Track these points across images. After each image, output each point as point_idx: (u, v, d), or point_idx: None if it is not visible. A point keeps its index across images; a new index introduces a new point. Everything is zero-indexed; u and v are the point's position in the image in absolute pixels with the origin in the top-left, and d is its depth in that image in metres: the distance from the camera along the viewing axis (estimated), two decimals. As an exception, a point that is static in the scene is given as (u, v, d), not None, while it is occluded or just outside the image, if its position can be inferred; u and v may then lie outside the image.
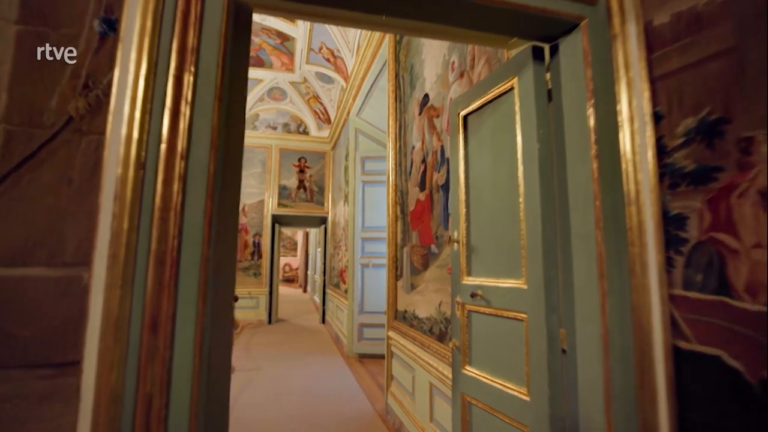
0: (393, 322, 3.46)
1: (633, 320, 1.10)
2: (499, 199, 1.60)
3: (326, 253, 8.09)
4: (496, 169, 1.64)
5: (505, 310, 1.50)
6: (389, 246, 3.63)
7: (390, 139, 3.78)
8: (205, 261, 0.89)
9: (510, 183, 1.54)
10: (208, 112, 0.93)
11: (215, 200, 0.95)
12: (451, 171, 1.94)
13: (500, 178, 1.61)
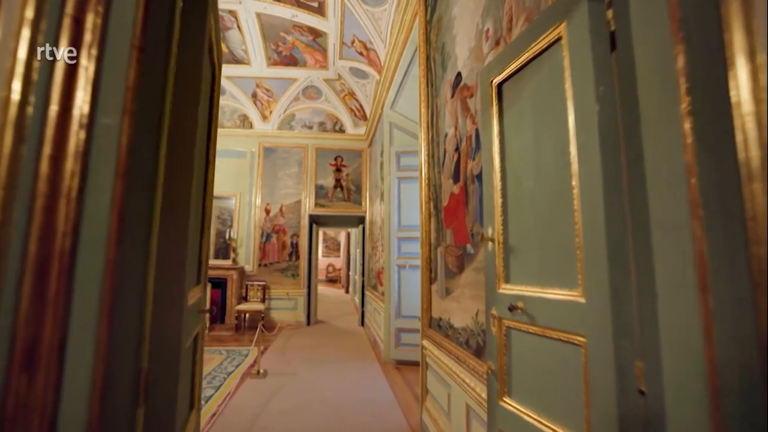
0: (427, 330, 3.13)
1: (760, 356, 0.71)
2: (544, 185, 1.24)
3: (364, 254, 7.89)
4: (540, 147, 1.28)
5: (554, 330, 1.14)
6: (422, 246, 3.31)
7: (422, 129, 3.45)
8: (111, 268, 0.64)
9: (558, 163, 1.17)
10: (122, 66, 0.68)
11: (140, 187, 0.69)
12: (484, 153, 1.60)
13: (545, 158, 1.25)
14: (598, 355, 0.98)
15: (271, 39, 6.27)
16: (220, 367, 4.49)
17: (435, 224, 3.08)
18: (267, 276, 7.39)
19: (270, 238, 7.54)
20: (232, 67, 6.82)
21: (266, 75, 7.07)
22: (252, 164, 7.72)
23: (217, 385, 3.89)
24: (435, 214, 3.08)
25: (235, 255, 7.21)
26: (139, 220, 0.73)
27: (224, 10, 5.57)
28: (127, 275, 0.69)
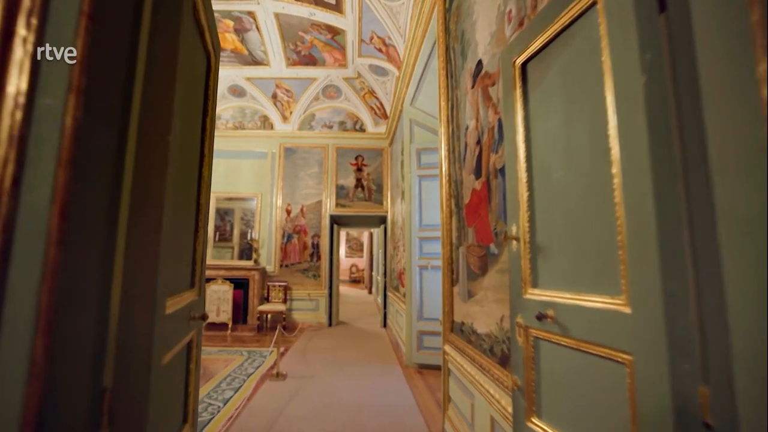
0: (449, 335, 2.97)
1: None
2: (577, 175, 1.07)
3: (386, 254, 7.77)
4: (571, 132, 1.11)
5: (591, 344, 0.97)
6: (444, 246, 3.15)
7: (441, 123, 3.29)
8: (52, 272, 0.53)
9: (594, 149, 1.01)
10: (67, 36, 0.58)
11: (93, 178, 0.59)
12: (507, 143, 1.43)
13: (577, 144, 1.08)
14: (648, 377, 0.81)
15: (290, 39, 6.25)
16: (241, 368, 4.47)
17: (456, 223, 2.92)
18: (288, 277, 7.39)
19: (291, 238, 7.54)
20: (251, 69, 6.86)
21: (286, 75, 7.07)
22: (273, 165, 7.75)
23: (237, 386, 3.86)
24: (456, 212, 2.92)
25: (257, 256, 7.25)
26: (94, 216, 0.62)
27: (243, 11, 5.59)
28: (78, 280, 0.59)
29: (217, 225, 7.52)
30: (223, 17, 5.72)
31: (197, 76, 1.06)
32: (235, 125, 7.86)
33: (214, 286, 6.53)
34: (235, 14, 5.66)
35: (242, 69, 6.86)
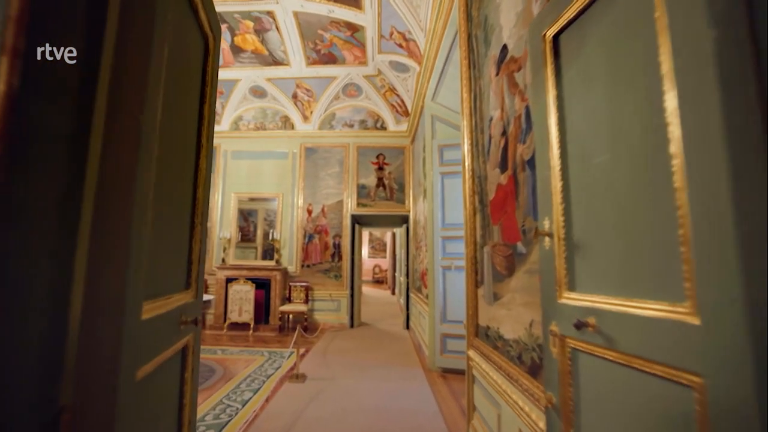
0: (473, 339, 2.80)
1: None
2: (625, 158, 0.91)
3: (408, 254, 7.62)
4: (616, 108, 0.94)
5: (646, 360, 0.80)
6: (467, 245, 2.98)
7: (464, 116, 3.12)
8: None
9: (646, 125, 0.84)
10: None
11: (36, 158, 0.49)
12: (537, 128, 1.27)
13: (624, 122, 0.91)
14: (727, 407, 0.64)
15: (309, 37, 6.21)
16: (261, 369, 4.44)
17: (480, 221, 2.75)
18: (310, 277, 7.36)
19: (312, 238, 7.52)
20: (272, 69, 6.88)
21: (306, 75, 7.04)
22: (294, 165, 7.75)
23: (256, 388, 3.81)
24: (480, 210, 2.75)
25: (279, 256, 7.26)
26: (40, 207, 0.52)
27: (262, 11, 5.58)
28: (19, 283, 0.49)
29: (240, 225, 7.59)
30: (243, 18, 5.74)
31: (190, 58, 0.97)
32: (257, 126, 7.91)
33: (236, 286, 6.58)
34: (255, 14, 5.67)
35: (263, 70, 6.89)
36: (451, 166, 5.10)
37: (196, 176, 1.08)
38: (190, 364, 0.99)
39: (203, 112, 1.11)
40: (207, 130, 1.12)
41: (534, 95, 1.29)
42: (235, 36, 6.09)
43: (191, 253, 1.05)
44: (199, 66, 1.08)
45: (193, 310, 1.04)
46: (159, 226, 0.80)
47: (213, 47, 1.13)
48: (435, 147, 5.26)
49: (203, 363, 4.58)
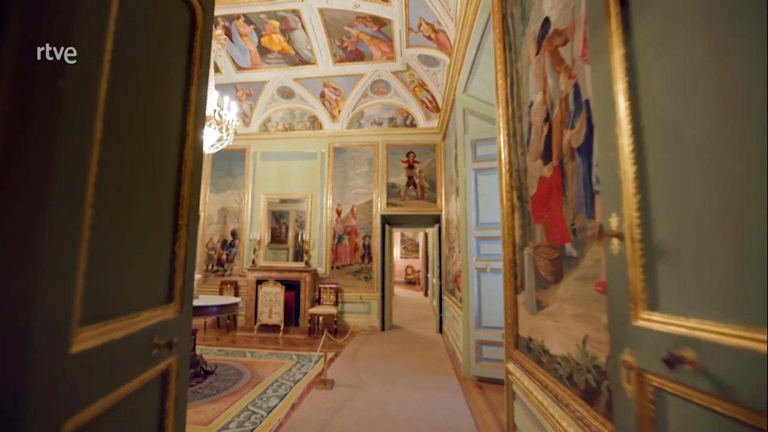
0: (513, 351, 2.52)
1: None
2: (736, 127, 0.64)
3: (441, 255, 7.33)
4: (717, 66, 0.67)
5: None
6: (504, 246, 2.70)
7: (499, 104, 2.84)
8: None
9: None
10: None
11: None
12: (598, 100, 1.01)
13: (735, 82, 0.64)
14: None
15: (336, 35, 6.09)
16: (289, 374, 4.33)
17: (520, 219, 2.46)
18: (339, 279, 7.25)
19: (342, 239, 7.40)
20: (299, 69, 6.82)
21: (333, 73, 6.94)
22: (322, 165, 7.67)
23: (282, 394, 3.70)
24: (519, 207, 2.46)
25: (308, 257, 7.19)
26: None
27: (287, 9, 5.52)
28: None
29: (272, 227, 7.61)
30: (269, 18, 5.70)
31: (169, 33, 0.80)
32: (285, 127, 7.91)
33: (266, 288, 6.56)
34: (280, 14, 5.61)
35: (290, 70, 6.85)
36: (485, 162, 4.79)
37: (180, 170, 0.92)
38: (174, 391, 0.82)
39: (189, 95, 0.95)
40: (194, 116, 0.95)
41: (594, 59, 1.02)
42: (261, 37, 6.07)
43: (174, 259, 0.88)
44: (183, 43, 0.92)
45: (177, 328, 0.87)
46: (116, 228, 0.64)
47: (202, 21, 0.97)
48: (467, 142, 4.97)
49: (232, 366, 4.54)
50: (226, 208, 7.75)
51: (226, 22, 5.74)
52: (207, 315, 3.87)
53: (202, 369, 4.04)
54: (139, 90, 0.75)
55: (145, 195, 0.78)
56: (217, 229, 7.70)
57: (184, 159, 0.93)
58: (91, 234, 0.58)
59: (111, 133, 0.63)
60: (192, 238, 0.97)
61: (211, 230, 7.71)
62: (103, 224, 0.61)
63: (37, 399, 0.47)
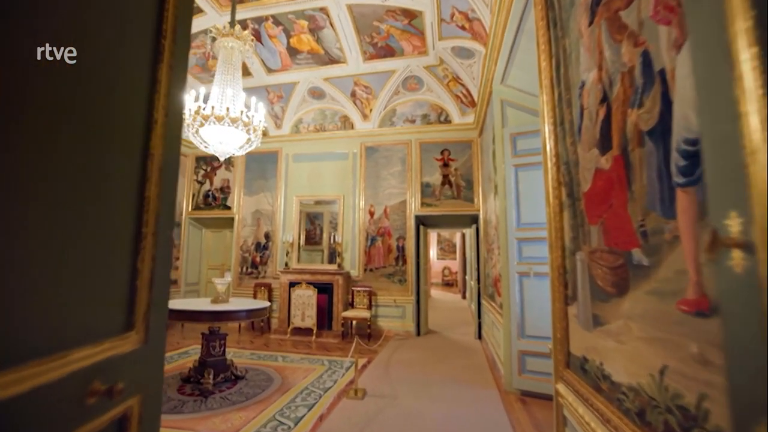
0: (564, 371, 2.19)
1: None
2: None
3: (479, 257, 6.96)
4: None
5: None
6: (551, 250, 2.37)
7: (543, 89, 2.52)
8: None
9: None
10: None
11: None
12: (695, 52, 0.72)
13: None
14: None
15: (365, 31, 5.91)
16: (319, 381, 4.19)
17: (570, 219, 2.13)
18: (373, 281, 7.06)
19: (375, 241, 7.21)
20: (328, 68, 6.72)
21: (363, 71, 6.77)
22: (354, 165, 7.53)
23: (311, 403, 3.55)
24: (570, 205, 2.13)
25: (341, 259, 7.07)
26: None
27: (315, 8, 5.41)
28: None
29: (307, 228, 7.57)
30: (297, 18, 5.62)
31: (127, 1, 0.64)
32: (316, 128, 7.85)
33: (298, 291, 6.50)
34: (308, 13, 5.51)
35: (320, 69, 6.76)
36: (527, 157, 4.42)
37: (144, 167, 0.74)
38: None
39: (157, 75, 0.77)
40: (165, 101, 0.78)
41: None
42: (290, 38, 6.02)
43: (136, 277, 0.71)
44: (149, 9, 0.75)
45: (136, 364, 0.69)
46: (39, 238, 0.47)
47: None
48: (506, 136, 4.62)
49: (262, 371, 4.47)
50: (259, 211, 7.80)
51: (255, 25, 5.73)
52: (236, 320, 3.81)
53: (232, 374, 3.99)
54: (75, 67, 0.57)
55: (86, 197, 0.61)
56: (251, 232, 7.77)
57: (151, 152, 0.76)
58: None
59: (28, 119, 0.46)
60: (164, 249, 0.79)
61: (245, 233, 7.80)
62: (15, 234, 0.45)
63: None
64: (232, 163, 8.01)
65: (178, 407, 3.33)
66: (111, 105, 0.68)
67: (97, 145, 0.64)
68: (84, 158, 0.62)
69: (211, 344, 3.87)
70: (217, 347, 3.92)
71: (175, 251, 7.76)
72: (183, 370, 4.19)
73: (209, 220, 8.22)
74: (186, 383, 3.86)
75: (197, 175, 8.19)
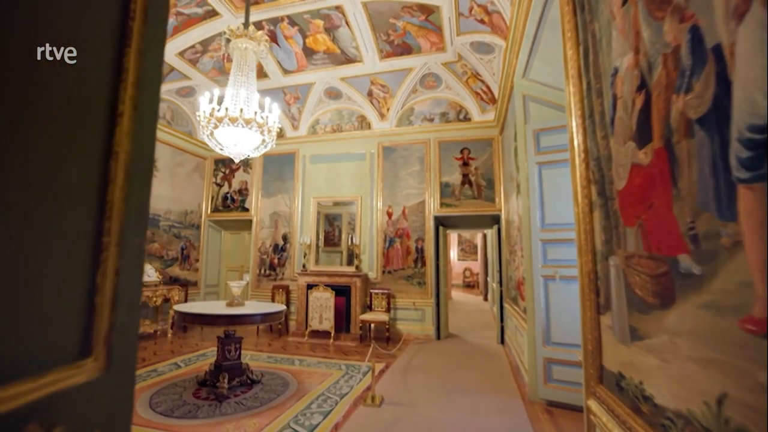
0: (596, 386, 2.00)
1: None
2: None
3: (501, 259, 6.72)
4: None
5: None
6: (580, 254, 2.18)
7: (569, 80, 2.33)
8: None
9: None
10: None
11: None
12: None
13: None
14: None
15: (381, 28, 5.79)
16: (336, 387, 4.09)
17: (602, 220, 1.94)
18: (391, 284, 6.93)
19: (393, 243, 7.07)
20: (345, 68, 6.64)
21: (380, 70, 6.66)
22: (371, 166, 7.42)
23: (327, 410, 3.45)
24: (602, 204, 1.94)
25: (358, 261, 6.97)
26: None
27: (330, 6, 5.33)
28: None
29: (326, 230, 7.52)
30: (312, 18, 5.56)
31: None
32: (333, 128, 7.78)
33: (316, 293, 6.44)
34: (324, 12, 5.44)
35: (336, 69, 6.68)
36: (551, 154, 4.19)
37: (106, 167, 0.64)
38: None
39: (124, 63, 0.67)
40: (132, 91, 0.68)
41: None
42: (306, 38, 5.96)
43: (95, 293, 0.61)
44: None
45: (97, 397, 0.59)
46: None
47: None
48: (529, 133, 4.40)
49: (279, 375, 4.41)
50: (277, 212, 7.80)
51: (270, 26, 5.70)
52: (251, 323, 3.76)
53: (248, 378, 3.94)
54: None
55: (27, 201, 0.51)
56: (269, 234, 7.78)
57: (115, 150, 0.66)
58: None
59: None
60: (133, 261, 0.69)
61: (263, 234, 7.81)
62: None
63: None
64: (249, 165, 8.05)
65: (192, 412, 3.29)
66: (62, 95, 0.58)
67: (43, 142, 0.55)
68: (24, 158, 0.52)
69: (226, 348, 3.83)
70: (233, 351, 3.88)
71: (195, 253, 7.85)
72: (200, 373, 4.18)
73: (228, 222, 8.29)
74: (202, 386, 3.84)
75: (216, 177, 8.28)
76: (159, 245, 6.99)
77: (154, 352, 5.44)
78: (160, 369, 4.56)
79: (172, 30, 5.62)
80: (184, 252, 7.52)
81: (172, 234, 7.29)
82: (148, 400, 3.54)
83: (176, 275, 7.32)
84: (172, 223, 7.31)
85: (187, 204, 7.70)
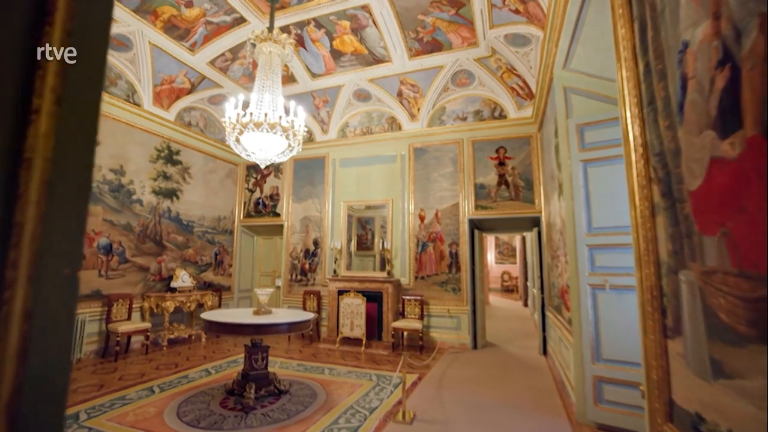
0: (663, 424, 1.67)
1: None
2: None
3: (542, 264, 6.29)
4: None
5: None
6: (639, 266, 1.86)
7: (622, 63, 2.01)
8: None
9: None
10: None
11: None
12: None
13: None
14: None
15: (410, 26, 5.60)
16: (365, 399, 3.91)
17: (668, 226, 1.63)
18: (424, 290, 6.68)
19: (426, 247, 6.83)
20: (373, 69, 6.49)
21: (409, 69, 6.46)
22: (403, 168, 7.22)
23: (355, 426, 3.27)
24: (667, 207, 1.63)
25: (390, 267, 6.77)
26: None
27: (356, 6, 5.20)
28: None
29: (359, 234, 7.41)
30: (339, 19, 5.46)
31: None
32: (363, 131, 7.66)
33: (347, 299, 6.32)
34: (350, 12, 5.32)
35: (364, 71, 6.56)
36: (598, 150, 3.81)
37: (14, 178, 0.49)
38: None
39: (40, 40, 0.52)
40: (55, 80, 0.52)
41: None
42: (333, 40, 5.88)
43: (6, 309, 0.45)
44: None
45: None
46: None
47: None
48: (572, 128, 4.03)
49: (307, 385, 4.30)
50: (308, 217, 7.79)
51: (297, 30, 5.66)
52: (277, 333, 3.66)
53: (276, 388, 3.85)
54: None
55: None
56: (300, 239, 7.77)
57: (26, 157, 0.50)
58: None
59: None
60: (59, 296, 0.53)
61: (294, 239, 7.82)
62: None
63: None
64: (280, 170, 8.10)
65: (218, 423, 3.23)
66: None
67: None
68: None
69: (253, 357, 3.76)
70: (260, 360, 3.80)
71: (228, 258, 7.99)
72: (229, 381, 4.14)
73: (260, 227, 8.39)
74: (230, 395, 3.79)
75: (248, 183, 8.40)
76: (193, 251, 7.16)
77: (187, 357, 5.52)
78: (191, 375, 4.58)
79: (202, 39, 5.72)
80: (217, 257, 7.67)
81: (206, 240, 7.45)
82: (176, 408, 3.53)
83: (210, 280, 7.47)
84: (206, 229, 7.47)
85: (220, 210, 7.86)
